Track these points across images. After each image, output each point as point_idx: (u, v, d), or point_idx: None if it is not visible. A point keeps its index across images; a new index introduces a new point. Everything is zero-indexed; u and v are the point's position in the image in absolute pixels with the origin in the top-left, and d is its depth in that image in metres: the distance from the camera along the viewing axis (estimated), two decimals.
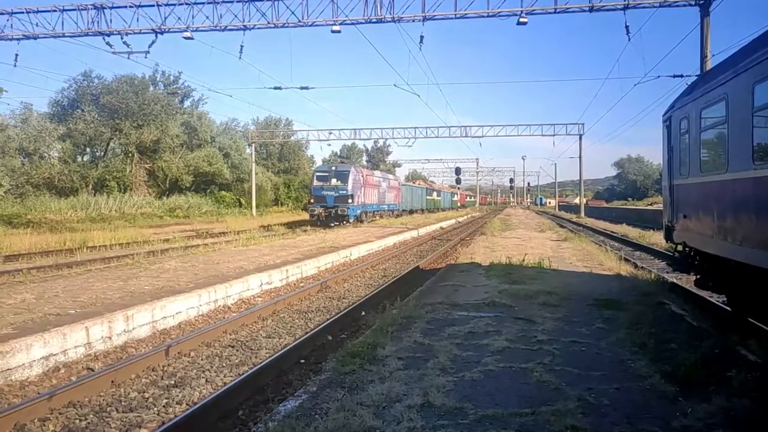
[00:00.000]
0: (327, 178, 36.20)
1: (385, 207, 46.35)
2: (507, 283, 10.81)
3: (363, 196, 38.32)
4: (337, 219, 34.92)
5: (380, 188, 44.38)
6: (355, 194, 36.20)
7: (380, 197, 44.27)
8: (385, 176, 48.37)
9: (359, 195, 37.18)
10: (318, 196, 35.62)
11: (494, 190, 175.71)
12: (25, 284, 11.30)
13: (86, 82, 55.37)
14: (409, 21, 22.26)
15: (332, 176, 36.11)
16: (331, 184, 35.58)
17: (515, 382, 5.40)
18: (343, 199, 35.08)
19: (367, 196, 39.50)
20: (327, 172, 37.09)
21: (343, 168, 37.47)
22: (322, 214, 34.69)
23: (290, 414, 4.74)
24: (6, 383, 6.53)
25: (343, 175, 35.91)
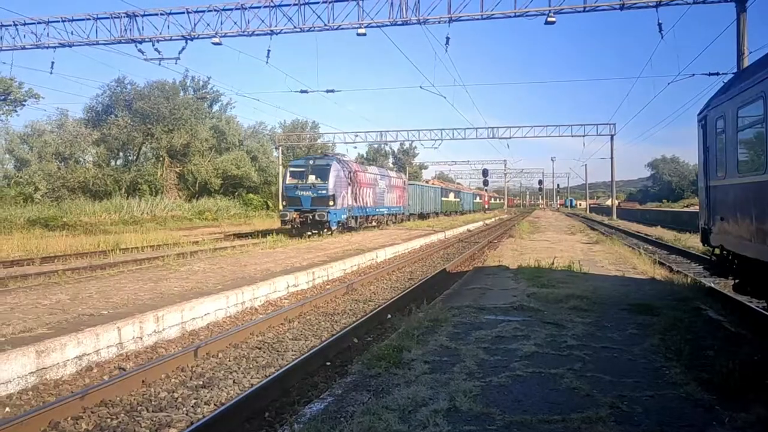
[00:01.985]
0: (303, 175, 28.97)
1: (384, 210, 38.34)
2: (536, 287, 10.68)
3: (351, 196, 30.79)
4: (315, 226, 27.86)
5: (377, 187, 36.34)
6: (339, 194, 28.83)
7: (377, 198, 36.30)
8: (384, 173, 39.88)
9: (345, 195, 29.73)
10: (291, 198, 28.81)
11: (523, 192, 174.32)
12: (61, 285, 11.51)
13: (119, 88, 56.48)
14: (434, 22, 22.15)
15: (309, 172, 28.83)
16: (307, 181, 28.57)
17: (544, 388, 5.31)
18: (322, 200, 28.05)
19: (357, 197, 31.84)
20: (303, 167, 29.50)
21: (323, 161, 29.73)
22: (297, 220, 27.61)
23: (316, 416, 4.73)
24: (41, 382, 6.66)
25: (322, 171, 28.66)
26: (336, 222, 28.57)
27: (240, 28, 23.33)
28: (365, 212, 33.85)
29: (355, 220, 31.78)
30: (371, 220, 35.51)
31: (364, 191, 33.42)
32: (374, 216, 36.06)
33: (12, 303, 9.47)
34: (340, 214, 28.99)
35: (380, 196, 36.95)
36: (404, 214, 44.19)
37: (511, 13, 21.66)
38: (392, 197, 40.05)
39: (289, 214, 27.75)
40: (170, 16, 23.63)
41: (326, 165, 28.88)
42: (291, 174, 29.59)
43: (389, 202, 39.24)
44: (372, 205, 35.12)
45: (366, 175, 34.40)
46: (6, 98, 50.40)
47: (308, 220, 27.50)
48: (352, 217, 30.98)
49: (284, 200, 29.54)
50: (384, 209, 38.20)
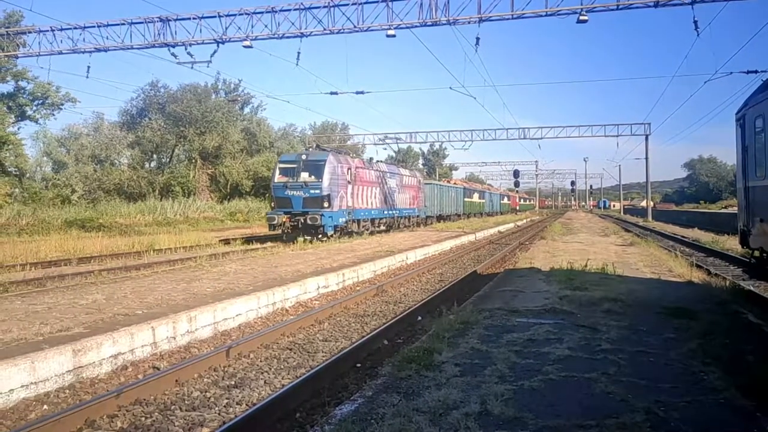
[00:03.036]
0: (294, 172, 25.36)
1: (395, 212, 34.11)
2: (568, 289, 10.53)
3: (352, 197, 27.11)
4: (307, 231, 24.36)
5: (385, 186, 32.23)
6: (336, 194, 25.32)
7: (386, 199, 32.29)
8: (394, 170, 35.27)
9: (344, 196, 26.16)
10: (280, 198, 25.27)
11: (555, 193, 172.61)
12: (97, 285, 11.71)
13: (153, 92, 57.48)
14: (464, 23, 22.08)
15: (301, 168, 25.22)
16: (299, 179, 24.94)
17: (578, 392, 5.23)
18: (315, 201, 24.47)
19: (360, 198, 28.20)
20: (294, 162, 25.94)
21: (317, 156, 26.16)
22: (287, 223, 24.45)
23: (346, 418, 4.73)
24: (78, 380, 6.78)
25: (315, 167, 25.03)
26: (332, 226, 24.91)
27: (270, 31, 23.59)
28: (370, 215, 29.85)
29: (358, 223, 28.04)
30: (378, 223, 31.39)
31: (369, 191, 29.71)
32: (382, 219, 31.88)
33: (50, 303, 9.66)
34: (338, 216, 25.36)
35: (389, 197, 32.92)
36: (419, 217, 39.64)
37: (542, 12, 21.47)
38: (404, 198, 35.93)
39: (278, 217, 24.42)
40: (202, 20, 24.02)
41: (320, 160, 25.19)
42: (281, 171, 25.90)
43: (401, 203, 35.17)
44: (379, 207, 31.21)
45: (371, 173, 30.53)
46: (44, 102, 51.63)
47: (299, 224, 24.21)
48: (353, 221, 27.23)
49: (273, 201, 25.92)
50: (394, 211, 33.99)
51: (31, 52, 27.00)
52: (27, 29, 28.10)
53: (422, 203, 40.24)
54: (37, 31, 26.21)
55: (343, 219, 25.93)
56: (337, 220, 25.36)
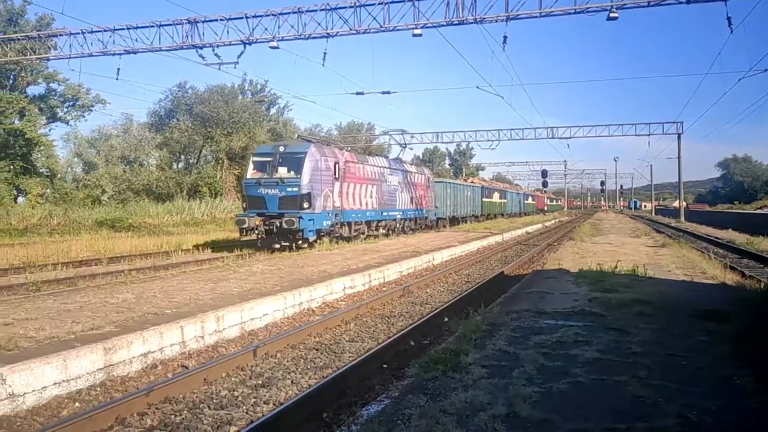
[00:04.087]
0: (269, 166, 21.52)
1: (397, 214, 29.80)
2: (598, 291, 10.39)
3: (340, 195, 23.08)
4: (284, 236, 20.61)
5: (384, 184, 28.01)
6: (319, 193, 21.32)
7: (385, 198, 28.04)
8: (397, 166, 30.84)
9: (329, 194, 22.11)
10: (253, 198, 21.35)
11: (584, 194, 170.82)
12: (126, 285, 11.87)
13: (181, 93, 58.08)
14: (491, 21, 21.88)
15: (277, 162, 21.45)
16: (274, 175, 21.13)
17: (607, 395, 5.16)
18: (293, 201, 20.60)
19: (350, 197, 24.17)
20: (270, 155, 22.03)
21: (296, 148, 22.19)
22: (261, 227, 20.61)
23: (373, 418, 4.73)
24: (109, 378, 6.87)
25: (294, 161, 21.23)
26: (313, 231, 20.82)
27: (297, 32, 23.65)
28: (364, 217, 25.94)
29: (349, 227, 24.30)
30: (376, 226, 27.59)
31: (364, 189, 25.77)
32: (380, 222, 27.92)
33: (81, 302, 9.81)
34: (321, 219, 21.32)
35: (390, 196, 28.86)
36: (427, 219, 35.20)
37: (571, 10, 21.19)
38: (409, 197, 31.75)
39: (249, 219, 20.58)
40: (230, 21, 24.15)
41: (299, 153, 21.43)
42: (255, 165, 22.11)
43: (404, 203, 31.01)
44: (376, 208, 27.06)
45: (366, 168, 26.51)
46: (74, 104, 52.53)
47: (274, 230, 20.46)
48: (341, 224, 23.45)
49: (245, 201, 22.12)
50: (396, 212, 29.88)
51: (61, 55, 27.42)
52: (58, 32, 28.52)
53: (431, 203, 35.98)
54: (68, 34, 26.59)
55: (327, 222, 21.98)
56: (320, 223, 21.32)
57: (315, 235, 21.06)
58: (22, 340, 6.99)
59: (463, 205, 45.95)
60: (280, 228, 20.20)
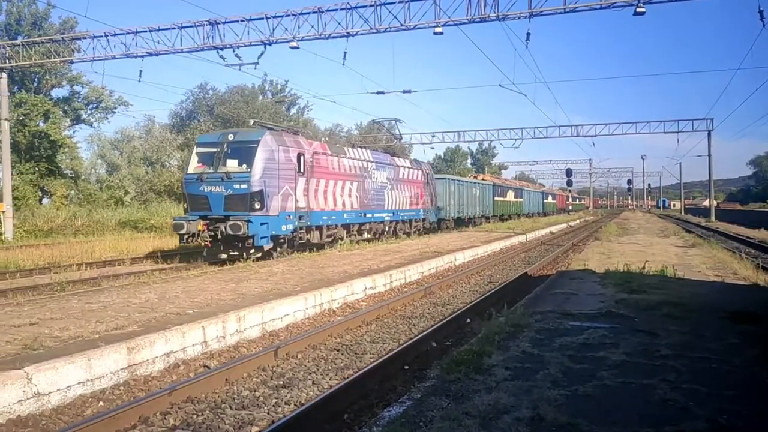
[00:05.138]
0: (215, 159, 17.88)
1: (385, 215, 25.96)
2: (625, 292, 10.23)
3: (306, 194, 19.33)
4: (231, 245, 17.20)
5: (366, 181, 24.02)
6: (274, 190, 17.62)
7: (369, 198, 24.18)
8: (384, 160, 26.67)
9: (289, 192, 18.32)
10: (194, 196, 17.70)
11: (610, 192, 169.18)
12: (149, 285, 11.96)
13: (202, 94, 58.39)
14: (514, 18, 21.68)
15: (225, 153, 17.83)
16: (219, 169, 17.52)
17: (635, 398, 5.04)
18: (241, 201, 17.10)
19: (320, 195, 20.33)
20: (216, 145, 18.27)
21: (248, 136, 18.43)
22: (205, 233, 17.13)
23: (395, 420, 4.67)
24: (132, 377, 6.91)
25: (244, 151, 17.67)
26: (267, 237, 17.22)
27: (317, 31, 23.64)
28: (341, 219, 21.98)
29: (320, 231, 20.44)
30: (359, 230, 24.04)
31: (340, 187, 21.83)
32: (363, 225, 24.33)
33: (105, 301, 9.90)
34: (277, 223, 17.68)
35: (376, 195, 25.04)
36: (426, 221, 31.10)
37: (596, 5, 20.91)
38: (400, 196, 27.69)
39: (188, 224, 16.99)
40: (250, 22, 24.19)
41: (250, 142, 17.82)
42: (199, 157, 18.45)
43: (395, 203, 27.05)
44: (356, 208, 23.10)
45: (343, 162, 22.35)
46: (98, 106, 53.16)
47: (218, 235, 16.94)
48: (308, 228, 19.63)
49: (186, 201, 18.36)
50: (384, 214, 25.97)
51: (85, 57, 27.68)
52: (81, 35, 28.78)
53: (430, 203, 31.88)
54: (91, 37, 26.85)
55: (288, 226, 18.25)
56: (277, 227, 17.71)
57: (270, 242, 17.50)
58: (47, 340, 7.06)
59: (471, 204, 41.90)
60: (224, 234, 16.70)
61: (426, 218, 31.09)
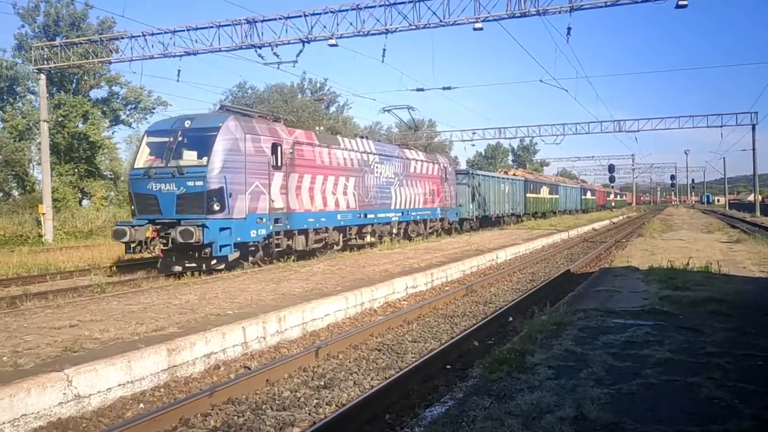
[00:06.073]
0: (167, 150, 14.94)
1: (392, 215, 23.01)
2: (669, 289, 10.00)
3: (284, 192, 16.51)
4: (185, 255, 14.55)
5: (367, 176, 21.19)
6: (240, 188, 14.80)
7: (366, 195, 21.04)
8: (389, 151, 23.72)
9: (261, 191, 15.53)
10: (141, 196, 14.94)
11: (653, 188, 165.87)
12: (189, 286, 12.08)
13: (241, 93, 58.79)
14: (554, 13, 21.44)
15: (180, 143, 15.01)
16: (170, 163, 14.67)
17: (680, 397, 4.93)
18: (196, 201, 14.29)
19: (304, 193, 17.46)
20: (168, 134, 15.31)
21: (206, 122, 15.49)
22: (155, 240, 14.42)
23: (437, 420, 4.63)
24: (172, 379, 6.96)
25: (201, 140, 14.84)
26: (230, 245, 14.39)
27: (355, 29, 23.64)
28: (333, 221, 18.91)
29: (305, 236, 17.52)
30: (359, 232, 21.10)
31: (332, 183, 18.91)
32: (363, 227, 21.26)
33: (145, 303, 10.02)
34: (244, 228, 14.84)
35: (380, 192, 22.04)
36: (444, 221, 28.22)
37: None
38: (411, 193, 24.65)
39: (132, 230, 14.25)
40: (288, 20, 24.26)
41: (209, 129, 14.85)
42: (149, 149, 15.50)
43: (405, 201, 24.03)
44: (354, 208, 20.17)
45: (335, 154, 19.36)
46: (136, 106, 53.76)
47: (169, 242, 14.15)
48: (287, 233, 16.74)
49: (132, 202, 15.61)
50: (391, 213, 22.94)
51: (123, 58, 27.98)
52: (119, 35, 29.17)
53: (449, 201, 28.78)
54: (129, 37, 27.20)
55: (259, 231, 15.38)
56: (243, 233, 14.83)
57: (233, 251, 14.62)
58: (87, 342, 7.14)
59: (499, 202, 38.61)
60: (180, 244, 13.80)
61: (444, 218, 28.29)
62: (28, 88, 45.57)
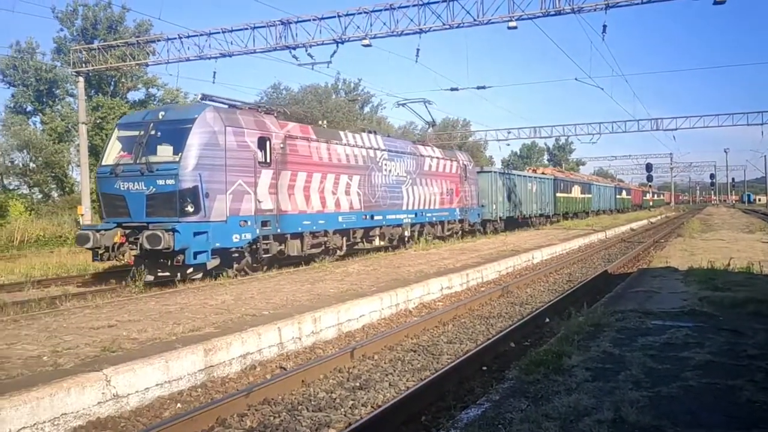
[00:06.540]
0: (136, 145, 13.59)
1: (403, 217, 21.37)
2: (709, 290, 9.82)
3: (274, 192, 15.07)
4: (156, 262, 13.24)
5: (374, 174, 19.67)
6: (219, 187, 13.44)
7: (373, 195, 19.50)
8: (399, 147, 22.06)
9: (245, 190, 14.15)
10: (108, 197, 13.73)
11: (692, 187, 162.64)
12: (225, 286, 12.19)
13: (275, 94, 59.17)
14: (590, 10, 21.09)
15: (152, 137, 13.56)
16: (140, 159, 13.31)
17: (721, 400, 4.83)
18: (167, 202, 12.93)
19: (298, 193, 16.05)
20: (139, 126, 14.02)
21: (181, 113, 14.21)
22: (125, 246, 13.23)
23: (473, 422, 4.60)
24: (209, 379, 7.02)
25: (174, 134, 13.41)
26: (207, 252, 13.06)
27: (389, 29, 23.55)
28: (333, 224, 17.45)
29: (300, 240, 16.13)
30: (367, 236, 19.63)
31: (331, 182, 17.45)
32: (371, 230, 19.67)
33: (182, 303, 10.12)
34: (224, 232, 13.49)
35: (390, 192, 20.45)
36: (464, 222, 26.59)
37: None
38: (426, 193, 23.07)
39: (97, 235, 12.99)
40: (322, 20, 24.24)
41: (184, 120, 13.46)
42: (121, 144, 14.11)
43: (417, 201, 22.38)
44: (358, 209, 18.63)
45: (335, 149, 17.87)
46: None
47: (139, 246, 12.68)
48: (277, 236, 15.28)
49: (100, 203, 14.74)
50: (402, 215, 21.25)
51: (160, 60, 28.23)
52: (156, 38, 29.52)
53: (470, 201, 27.10)
54: (166, 39, 27.45)
55: (243, 235, 14.04)
56: (223, 237, 13.48)
57: (210, 258, 13.22)
58: (125, 342, 7.23)
59: (525, 201, 36.68)
60: (150, 250, 12.41)
61: (464, 219, 26.54)
62: (66, 91, 46.43)
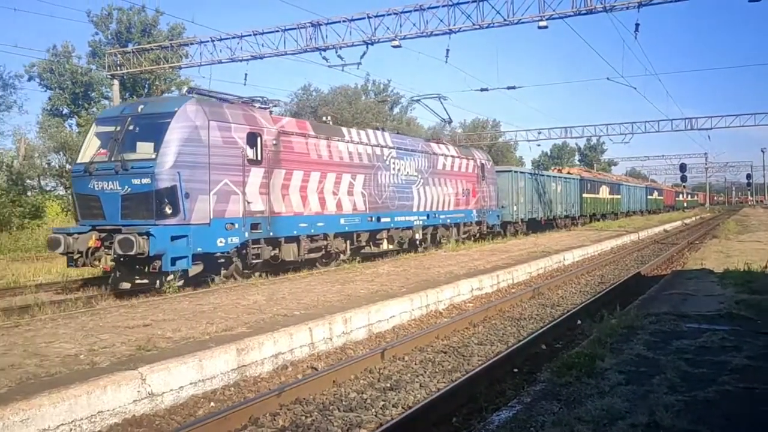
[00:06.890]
0: (112, 141, 12.48)
1: (414, 219, 20.16)
2: (746, 293, 9.61)
3: (266, 192, 13.96)
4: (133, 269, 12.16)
5: (380, 173, 18.46)
6: (200, 186, 12.28)
7: (379, 196, 18.31)
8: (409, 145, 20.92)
9: (231, 190, 12.99)
10: (83, 197, 12.62)
11: (728, 188, 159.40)
12: (257, 286, 12.28)
13: (306, 95, 59.49)
14: (622, 9, 20.81)
15: (127, 133, 12.43)
16: (115, 156, 12.18)
17: (759, 405, 4.74)
18: (143, 203, 11.83)
19: (293, 194, 14.95)
20: (117, 121, 12.80)
21: (160, 106, 13.05)
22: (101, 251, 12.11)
23: (504, 424, 4.59)
24: (242, 378, 7.08)
25: (153, 129, 12.31)
26: (186, 258, 11.96)
27: (419, 29, 23.52)
28: (334, 226, 16.41)
29: (297, 244, 15.09)
30: (374, 240, 18.56)
31: (332, 182, 16.35)
32: (378, 233, 18.49)
33: (215, 303, 10.20)
34: (208, 236, 12.47)
35: (397, 192, 19.21)
36: (482, 224, 25.38)
37: None
38: (440, 193, 21.83)
39: (68, 239, 12.02)
40: (352, 22, 24.30)
41: (162, 114, 12.49)
42: (99, 141, 13.05)
43: (430, 202, 21.14)
44: (362, 210, 17.54)
45: (336, 147, 16.74)
46: None
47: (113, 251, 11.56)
48: (270, 240, 14.30)
49: (74, 204, 14.16)
50: (413, 217, 20.06)
51: (193, 63, 28.59)
52: (189, 41, 29.87)
53: (488, 202, 25.74)
54: (198, 43, 27.84)
55: (230, 239, 13.00)
56: (207, 242, 12.48)
57: (191, 264, 12.20)
58: (160, 341, 7.31)
59: (550, 202, 35.12)
60: (125, 256, 11.55)
61: (482, 221, 25.26)
62: (102, 94, 47.16)
